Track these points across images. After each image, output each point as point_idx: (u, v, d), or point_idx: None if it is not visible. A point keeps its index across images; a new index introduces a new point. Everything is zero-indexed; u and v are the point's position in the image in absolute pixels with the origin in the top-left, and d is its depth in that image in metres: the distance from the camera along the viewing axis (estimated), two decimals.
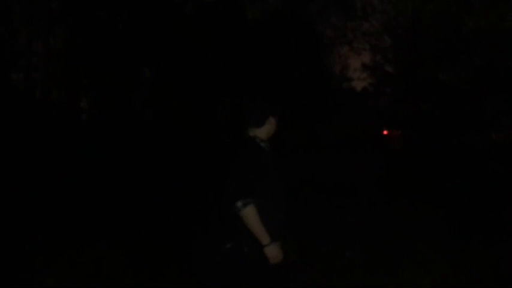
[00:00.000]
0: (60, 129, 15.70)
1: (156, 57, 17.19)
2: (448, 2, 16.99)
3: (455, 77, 16.96)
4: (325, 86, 20.65)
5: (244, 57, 15.77)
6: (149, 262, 4.77)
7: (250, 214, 2.62)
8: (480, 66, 15.81)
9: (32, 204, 7.32)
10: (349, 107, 21.87)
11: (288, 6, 19.63)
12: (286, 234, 2.81)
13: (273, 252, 2.65)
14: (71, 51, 17.98)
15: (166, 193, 8.48)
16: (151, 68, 18.17)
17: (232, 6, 17.33)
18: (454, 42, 16.18)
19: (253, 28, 17.94)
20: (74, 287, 4.14)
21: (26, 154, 11.77)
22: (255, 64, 15.72)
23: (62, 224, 6.12)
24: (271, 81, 15.15)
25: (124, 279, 4.30)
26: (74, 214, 6.77)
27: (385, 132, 20.02)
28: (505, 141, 16.27)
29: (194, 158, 12.23)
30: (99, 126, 16.59)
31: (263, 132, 2.82)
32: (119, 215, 6.83)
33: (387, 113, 21.24)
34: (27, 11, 18.03)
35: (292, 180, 3.07)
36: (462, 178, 9.88)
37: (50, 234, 5.65)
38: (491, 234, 5.87)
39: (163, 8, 16.81)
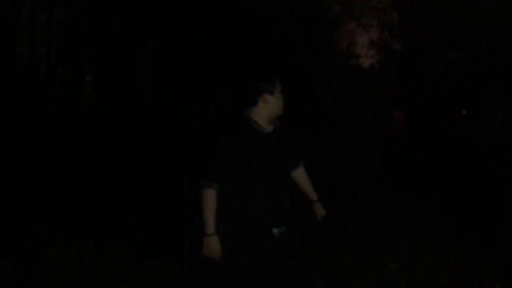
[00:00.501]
0: (65, 103, 15.73)
1: (160, 32, 17.03)
2: None
3: (463, 55, 16.71)
4: (331, 62, 20.37)
5: (247, 34, 15.53)
6: (149, 249, 4.78)
7: (203, 198, 2.57)
8: (488, 44, 15.54)
9: (33, 182, 7.37)
10: (354, 85, 21.62)
11: None
12: (280, 222, 2.66)
13: (208, 244, 2.56)
14: (76, 24, 17.85)
15: (167, 173, 8.45)
16: (155, 43, 18.02)
17: None
18: (462, 19, 15.89)
19: (256, 3, 17.60)
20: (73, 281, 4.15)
21: (30, 129, 11.80)
22: (257, 41, 15.50)
23: (62, 210, 6.14)
24: (274, 59, 14.95)
25: (123, 266, 4.32)
26: (74, 197, 6.80)
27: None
28: None
29: (193, 137, 12.14)
30: (104, 102, 16.57)
31: (258, 112, 2.64)
32: (119, 196, 6.87)
33: (392, 91, 21.01)
34: None
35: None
36: (464, 166, 9.75)
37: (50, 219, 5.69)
38: (490, 221, 5.87)
39: None
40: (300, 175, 2.93)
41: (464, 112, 17.87)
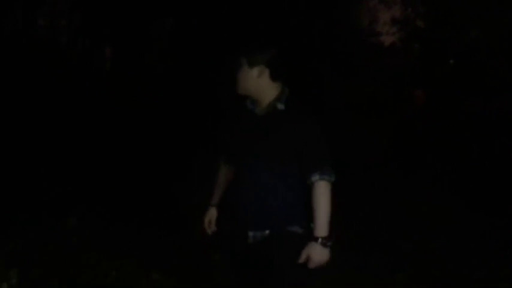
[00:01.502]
0: (84, 77, 15.84)
1: (180, 8, 16.91)
2: None
3: (488, 33, 16.25)
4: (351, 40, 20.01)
5: (265, 10, 15.29)
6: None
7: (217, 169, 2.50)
8: None
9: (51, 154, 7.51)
10: (373, 63, 21.25)
11: None
12: (257, 224, 2.23)
13: (205, 215, 2.48)
14: None
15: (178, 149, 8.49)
16: (175, 18, 17.92)
17: None
18: None
19: None
20: None
21: (50, 101, 11.92)
22: (275, 17, 15.26)
23: (81, 179, 6.24)
24: (295, 36, 14.75)
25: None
26: (92, 167, 6.90)
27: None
28: None
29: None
30: (122, 76, 16.64)
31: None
32: (137, 166, 6.95)
33: (413, 70, 20.62)
34: None
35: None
36: (485, 148, 9.59)
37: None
38: (497, 198, 5.82)
39: None
40: (312, 195, 2.21)
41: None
